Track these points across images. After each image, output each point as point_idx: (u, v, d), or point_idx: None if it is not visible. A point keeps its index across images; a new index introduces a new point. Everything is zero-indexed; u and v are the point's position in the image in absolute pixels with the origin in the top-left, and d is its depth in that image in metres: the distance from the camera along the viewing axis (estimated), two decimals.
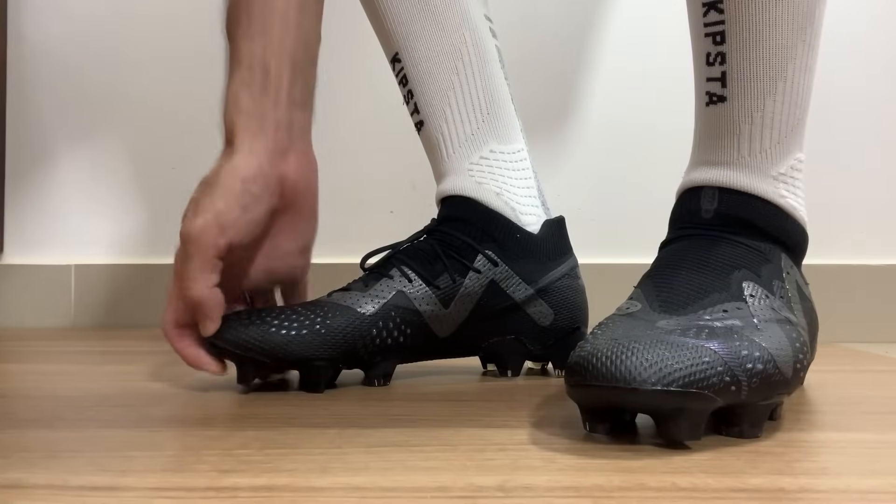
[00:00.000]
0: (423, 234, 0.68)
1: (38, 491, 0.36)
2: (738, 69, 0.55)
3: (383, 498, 0.36)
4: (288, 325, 0.58)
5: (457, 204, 0.68)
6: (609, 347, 0.43)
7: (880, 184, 1.11)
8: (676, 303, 0.49)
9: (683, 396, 0.42)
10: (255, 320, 0.59)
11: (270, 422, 0.50)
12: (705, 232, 0.55)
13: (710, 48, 0.56)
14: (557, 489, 0.37)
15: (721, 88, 0.56)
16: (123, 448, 0.44)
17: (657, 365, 0.41)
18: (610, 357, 0.42)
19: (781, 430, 0.49)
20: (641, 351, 0.42)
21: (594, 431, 0.45)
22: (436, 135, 0.70)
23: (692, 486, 0.37)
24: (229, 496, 0.36)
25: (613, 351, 0.42)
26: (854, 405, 0.58)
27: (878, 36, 1.10)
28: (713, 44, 0.55)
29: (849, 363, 0.81)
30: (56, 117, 1.07)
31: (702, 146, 0.58)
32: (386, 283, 0.63)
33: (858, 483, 0.39)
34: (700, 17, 0.56)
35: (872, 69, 1.10)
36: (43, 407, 0.55)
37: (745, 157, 0.56)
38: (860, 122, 1.10)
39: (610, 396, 0.42)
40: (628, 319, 0.48)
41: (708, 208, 0.56)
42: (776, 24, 0.54)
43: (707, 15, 0.55)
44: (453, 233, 0.66)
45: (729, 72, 0.55)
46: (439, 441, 0.46)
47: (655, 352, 0.42)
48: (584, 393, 0.44)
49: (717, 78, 0.56)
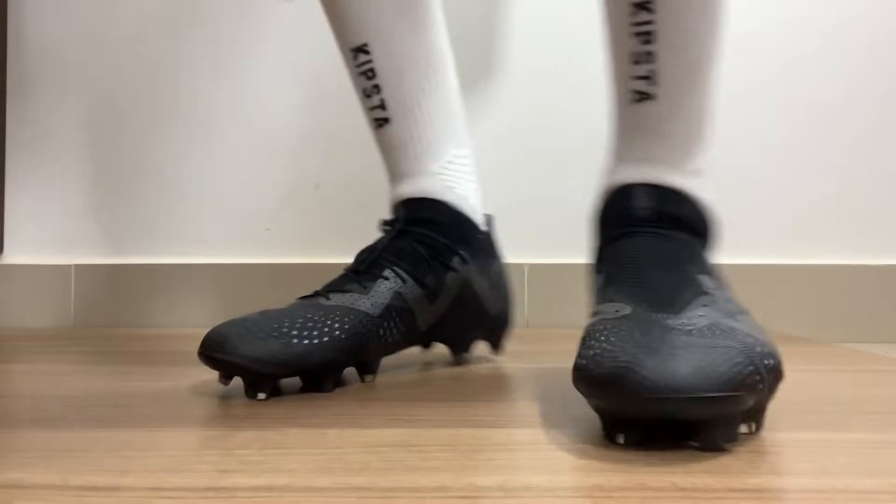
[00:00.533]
0: (394, 233, 0.68)
1: (38, 491, 0.36)
2: (667, 68, 0.56)
3: (383, 498, 0.36)
4: (308, 334, 0.58)
5: (427, 206, 0.69)
6: (647, 356, 0.41)
7: (880, 184, 1.11)
8: (662, 301, 0.49)
9: (732, 400, 0.41)
10: (273, 333, 0.57)
11: (270, 422, 0.50)
12: (648, 229, 0.56)
13: (637, 47, 0.56)
14: (557, 489, 0.37)
15: (649, 86, 0.56)
16: (123, 448, 0.44)
17: (703, 371, 0.40)
18: (655, 368, 0.40)
19: (781, 430, 0.49)
20: (686, 358, 0.41)
21: (615, 441, 0.44)
22: (403, 135, 0.69)
23: (692, 486, 0.37)
24: (229, 496, 0.36)
25: (655, 360, 0.41)
26: (854, 405, 0.58)
27: (878, 36, 1.10)
28: (641, 43, 0.56)
29: (849, 363, 0.81)
30: (56, 117, 1.07)
31: (627, 143, 0.59)
32: (383, 284, 0.65)
33: (858, 483, 0.39)
34: (627, 17, 0.56)
35: (873, 69, 1.10)
36: (43, 407, 0.55)
37: (674, 155, 0.57)
38: (859, 122, 1.10)
39: (663, 408, 0.40)
40: (628, 322, 0.47)
41: (645, 206, 0.57)
42: (702, 25, 0.56)
43: (636, 15, 0.55)
44: (431, 234, 0.68)
45: (659, 70, 0.56)
46: (439, 441, 0.46)
47: (695, 357, 0.41)
48: (623, 405, 0.41)
49: (644, 76, 0.56)
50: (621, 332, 0.46)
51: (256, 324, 0.58)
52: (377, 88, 0.68)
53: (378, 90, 0.68)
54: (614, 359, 0.42)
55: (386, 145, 0.71)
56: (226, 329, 0.57)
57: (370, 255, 0.67)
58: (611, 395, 0.42)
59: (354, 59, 0.69)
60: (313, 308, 0.61)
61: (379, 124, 0.70)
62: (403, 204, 0.70)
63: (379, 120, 0.70)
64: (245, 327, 0.57)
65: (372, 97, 0.69)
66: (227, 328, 0.57)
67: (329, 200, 1.08)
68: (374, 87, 0.68)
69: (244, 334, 0.57)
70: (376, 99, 0.69)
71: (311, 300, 0.62)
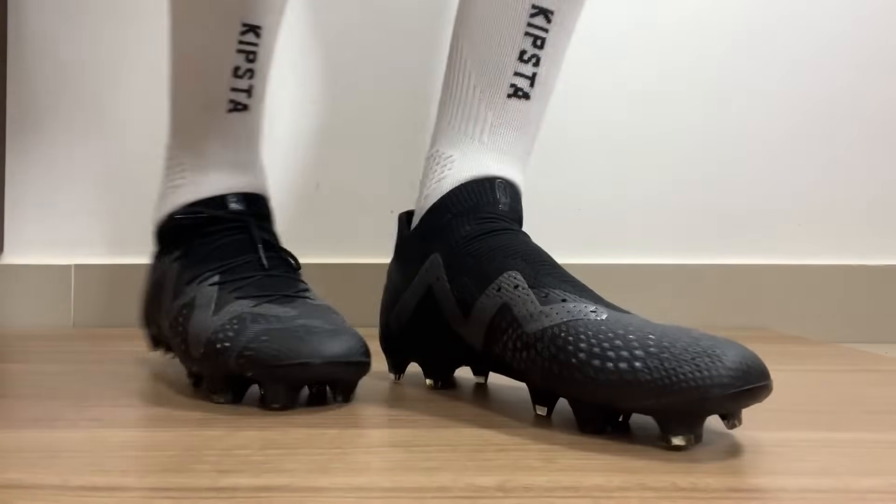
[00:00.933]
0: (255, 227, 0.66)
1: (38, 491, 0.36)
2: (544, 76, 0.60)
3: (383, 498, 0.36)
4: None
5: (265, 203, 0.69)
6: (735, 348, 0.43)
7: (880, 184, 1.11)
8: (603, 301, 0.51)
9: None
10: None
11: (270, 422, 0.50)
12: (511, 225, 0.59)
13: (527, 47, 0.59)
14: (557, 489, 0.37)
15: (529, 87, 0.59)
16: (123, 448, 0.44)
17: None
18: (752, 356, 0.43)
19: (781, 430, 0.49)
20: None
21: (699, 438, 0.44)
22: (252, 126, 0.68)
23: (692, 486, 0.37)
24: (229, 496, 0.36)
25: (745, 351, 0.43)
26: (854, 405, 0.58)
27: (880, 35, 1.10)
28: (532, 45, 0.59)
29: (849, 363, 0.81)
30: (56, 117, 1.07)
31: (490, 131, 0.60)
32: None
33: (858, 483, 0.39)
34: (525, 16, 0.58)
35: (872, 70, 1.10)
36: (43, 407, 0.55)
37: (525, 154, 0.62)
38: (860, 123, 1.10)
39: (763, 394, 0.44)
40: (632, 318, 0.48)
41: (504, 200, 0.59)
42: (567, 49, 0.61)
43: (535, 17, 0.58)
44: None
45: (539, 75, 0.59)
46: (439, 441, 0.46)
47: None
48: (751, 394, 0.43)
49: (527, 76, 0.59)
50: (654, 327, 0.47)
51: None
52: (251, 73, 0.65)
53: (251, 75, 0.65)
54: (730, 353, 0.44)
55: (229, 132, 0.66)
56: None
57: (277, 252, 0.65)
58: (739, 386, 0.43)
59: (242, 35, 0.64)
60: (324, 308, 0.59)
61: (237, 108, 0.66)
62: (250, 197, 0.67)
63: (238, 104, 0.66)
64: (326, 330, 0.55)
65: (243, 78, 0.65)
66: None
67: (329, 200, 1.08)
68: (249, 72, 0.65)
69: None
70: (245, 83, 0.65)
71: (310, 301, 0.60)
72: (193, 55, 0.66)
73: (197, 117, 0.67)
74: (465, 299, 0.55)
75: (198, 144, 0.67)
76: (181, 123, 0.68)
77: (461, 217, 0.58)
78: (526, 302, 0.51)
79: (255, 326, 0.54)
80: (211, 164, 0.66)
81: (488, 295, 0.53)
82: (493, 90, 0.59)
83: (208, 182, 0.66)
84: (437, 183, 0.61)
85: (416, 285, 0.60)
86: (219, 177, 0.66)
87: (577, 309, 0.48)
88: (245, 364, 0.53)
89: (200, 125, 0.66)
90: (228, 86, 0.65)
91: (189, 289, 0.61)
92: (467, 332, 0.55)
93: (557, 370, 0.47)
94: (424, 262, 0.59)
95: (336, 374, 0.54)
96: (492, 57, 0.59)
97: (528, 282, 0.52)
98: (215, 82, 0.65)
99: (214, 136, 0.66)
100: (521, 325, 0.50)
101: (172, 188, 0.68)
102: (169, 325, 0.61)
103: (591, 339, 0.46)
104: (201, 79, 0.66)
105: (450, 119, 0.62)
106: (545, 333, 0.48)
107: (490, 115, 0.60)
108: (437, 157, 0.62)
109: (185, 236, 0.65)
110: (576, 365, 0.46)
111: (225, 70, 0.64)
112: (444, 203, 0.59)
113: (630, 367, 0.43)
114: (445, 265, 0.57)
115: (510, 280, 0.52)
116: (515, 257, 0.54)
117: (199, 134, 0.66)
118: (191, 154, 0.67)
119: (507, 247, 0.55)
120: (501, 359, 0.52)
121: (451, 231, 0.58)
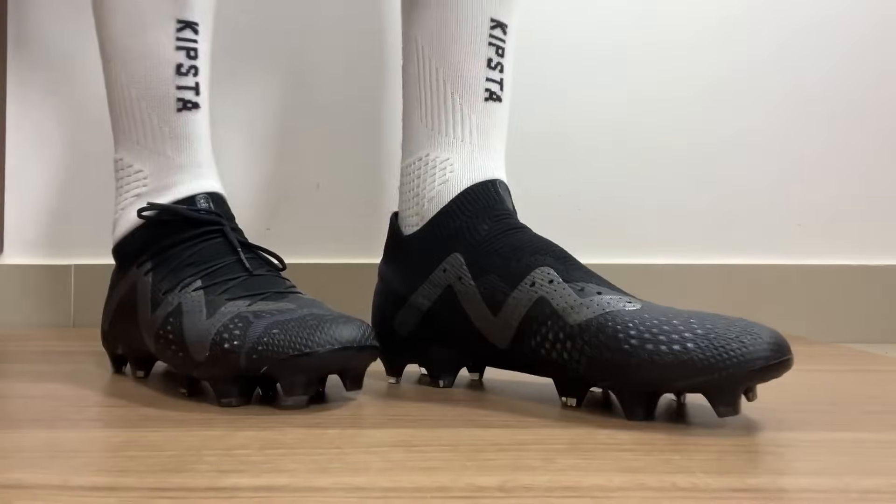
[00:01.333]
0: (230, 231, 0.64)
1: (38, 491, 0.36)
2: (507, 81, 0.65)
3: (383, 498, 0.36)
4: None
5: (224, 202, 0.66)
6: (764, 327, 0.49)
7: (880, 184, 1.11)
8: (627, 293, 0.55)
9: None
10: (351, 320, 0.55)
11: (270, 422, 0.50)
12: (521, 223, 0.62)
13: (492, 55, 0.64)
14: (557, 489, 0.37)
15: (500, 90, 0.64)
16: (123, 448, 0.44)
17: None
18: (778, 333, 0.49)
19: (781, 430, 0.49)
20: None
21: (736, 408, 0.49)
22: (205, 125, 0.66)
23: (692, 486, 0.37)
24: (229, 496, 0.36)
25: (772, 329, 0.49)
26: (854, 405, 0.58)
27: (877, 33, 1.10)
28: (496, 54, 0.64)
29: (849, 363, 0.81)
30: (56, 117, 1.07)
31: (479, 133, 0.64)
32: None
33: (858, 483, 0.39)
34: (486, 28, 0.64)
35: (873, 70, 1.10)
36: (43, 407, 0.55)
37: (503, 154, 0.66)
38: (860, 123, 1.10)
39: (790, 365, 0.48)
40: (661, 306, 0.53)
41: (507, 199, 0.63)
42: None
43: (494, 30, 0.64)
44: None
45: (504, 80, 0.65)
46: (439, 441, 0.46)
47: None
48: (784, 365, 0.48)
49: (497, 81, 0.64)
50: (691, 313, 0.51)
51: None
52: (195, 70, 0.64)
53: (196, 72, 0.64)
54: (763, 334, 0.49)
55: (183, 132, 0.64)
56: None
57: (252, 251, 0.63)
58: (778, 359, 0.48)
59: (179, 32, 0.63)
60: (318, 302, 0.59)
61: (186, 107, 0.64)
62: (216, 198, 0.65)
63: (188, 103, 0.64)
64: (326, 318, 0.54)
65: (188, 76, 0.64)
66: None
67: (329, 200, 1.08)
68: (193, 68, 0.64)
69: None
70: (191, 80, 0.64)
71: (302, 296, 0.60)
72: (131, 54, 0.64)
73: (146, 121, 0.64)
74: (495, 296, 0.57)
75: (154, 148, 0.65)
76: (130, 130, 0.65)
77: (476, 218, 0.61)
78: (563, 295, 0.54)
79: (262, 321, 0.53)
80: (173, 166, 0.64)
81: (521, 290, 0.55)
82: (472, 95, 0.64)
83: (173, 185, 0.64)
84: (442, 186, 0.62)
85: (428, 287, 0.61)
86: (182, 179, 0.64)
87: (615, 300, 0.52)
88: (258, 360, 0.52)
89: (152, 128, 0.64)
90: (174, 84, 0.63)
91: (171, 297, 0.59)
92: (493, 329, 0.57)
93: (610, 356, 0.50)
94: (440, 263, 0.60)
95: (352, 360, 0.54)
96: (464, 65, 0.63)
97: (561, 276, 0.55)
98: (159, 82, 0.63)
99: (169, 138, 0.64)
100: (563, 317, 0.53)
101: (134, 197, 0.65)
102: (154, 338, 0.59)
103: (640, 327, 0.49)
104: (144, 80, 0.64)
105: (432, 124, 0.64)
106: (591, 324, 0.51)
107: (473, 117, 0.64)
108: (432, 162, 0.63)
109: (153, 245, 0.63)
110: (629, 350, 0.49)
111: (168, 68, 0.63)
112: (456, 205, 0.61)
113: (683, 349, 0.48)
114: (468, 264, 0.59)
115: (544, 275, 0.55)
116: (544, 254, 0.57)
117: (153, 137, 0.64)
118: (147, 159, 0.65)
119: (531, 244, 0.58)
120: (535, 353, 0.54)
121: (468, 231, 0.60)
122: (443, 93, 0.64)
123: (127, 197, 0.66)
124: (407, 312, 0.62)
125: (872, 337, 1.06)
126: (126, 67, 0.64)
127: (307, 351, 0.51)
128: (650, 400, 0.51)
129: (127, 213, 0.65)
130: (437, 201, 0.62)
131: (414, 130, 0.65)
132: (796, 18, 1.09)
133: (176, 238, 0.62)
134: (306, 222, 1.07)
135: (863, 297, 1.08)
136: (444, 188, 0.62)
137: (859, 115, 1.10)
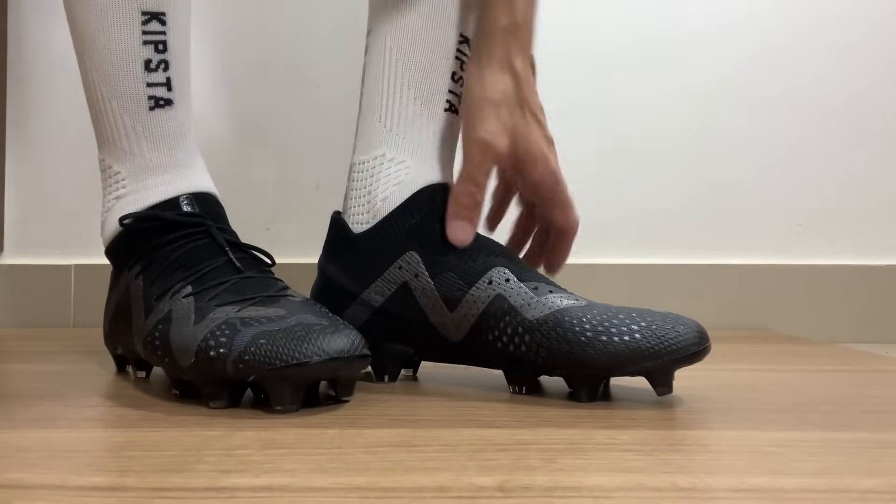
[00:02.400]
0: (216, 232, 0.62)
1: (38, 491, 0.36)
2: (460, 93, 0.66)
3: (383, 498, 0.36)
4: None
5: (214, 201, 0.64)
6: (687, 318, 0.56)
7: (880, 184, 1.11)
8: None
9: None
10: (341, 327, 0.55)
11: (270, 422, 0.50)
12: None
13: (457, 69, 0.66)
14: (557, 489, 0.37)
15: (458, 103, 0.65)
16: (123, 448, 0.44)
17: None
18: (699, 324, 0.56)
19: (781, 430, 0.49)
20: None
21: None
22: (183, 121, 0.63)
23: (692, 486, 0.37)
24: (229, 496, 0.36)
25: (693, 320, 0.56)
26: (854, 405, 0.58)
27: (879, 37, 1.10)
28: (459, 68, 0.66)
29: (849, 363, 0.81)
30: (56, 117, 1.07)
31: (436, 141, 0.65)
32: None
33: (858, 483, 0.39)
34: (455, 42, 0.66)
35: (872, 71, 1.10)
36: (43, 407, 0.55)
37: (454, 163, 0.67)
38: (859, 122, 1.10)
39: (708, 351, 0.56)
40: (601, 304, 0.57)
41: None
42: None
43: (462, 45, 0.66)
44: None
45: (462, 93, 0.64)
46: (439, 441, 0.46)
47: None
48: (707, 350, 0.55)
49: (457, 94, 0.66)
50: (634, 309, 0.57)
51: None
52: (165, 65, 0.61)
53: (166, 67, 0.61)
54: (689, 326, 0.56)
55: (158, 131, 0.62)
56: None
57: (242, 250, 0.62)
58: (703, 347, 0.56)
59: (144, 25, 0.60)
60: (310, 305, 0.58)
61: (159, 105, 0.61)
62: (200, 198, 0.63)
63: (160, 100, 0.61)
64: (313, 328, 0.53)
65: (157, 72, 0.60)
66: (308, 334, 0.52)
67: (329, 200, 1.07)
68: (163, 63, 0.61)
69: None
70: (161, 76, 0.61)
71: (293, 299, 0.59)
72: (98, 51, 0.61)
73: (117, 120, 0.62)
74: (453, 293, 0.59)
75: (128, 149, 0.62)
76: (105, 131, 0.63)
77: (431, 217, 0.62)
78: (520, 293, 0.58)
79: (249, 331, 0.52)
80: (150, 167, 0.62)
81: (479, 288, 0.59)
82: (434, 104, 0.65)
83: (153, 187, 0.62)
84: (397, 186, 0.64)
85: (381, 284, 0.62)
86: (162, 179, 0.62)
87: (565, 298, 0.57)
88: (244, 370, 0.51)
89: (125, 128, 0.62)
90: (143, 81, 0.61)
91: (162, 304, 0.58)
92: (448, 324, 0.60)
93: (568, 348, 0.55)
94: (395, 261, 0.62)
95: (341, 371, 0.53)
96: (431, 74, 0.65)
97: (516, 276, 0.59)
98: (127, 79, 0.60)
99: (144, 138, 0.62)
100: (521, 312, 0.57)
101: (115, 199, 0.63)
102: (143, 344, 0.58)
103: (593, 321, 0.55)
104: (111, 76, 0.61)
105: (391, 125, 0.65)
106: (548, 319, 0.56)
107: (433, 125, 0.65)
108: (388, 162, 0.64)
109: (141, 249, 0.61)
110: (584, 342, 0.54)
111: (135, 65, 0.60)
112: (412, 204, 0.63)
113: (632, 339, 0.54)
114: (425, 262, 0.61)
115: (500, 274, 0.59)
116: (497, 255, 0.61)
117: (127, 138, 0.62)
118: (124, 161, 0.62)
119: (485, 245, 0.62)
120: (491, 346, 0.58)
121: (425, 230, 0.62)
122: (406, 96, 0.65)
123: (109, 199, 0.64)
124: (357, 308, 0.63)
125: (872, 337, 1.06)
126: (95, 65, 0.62)
127: (293, 362, 0.51)
128: (594, 384, 0.56)
129: (111, 217, 0.64)
130: (391, 200, 0.63)
131: (370, 128, 0.66)
132: (796, 19, 1.09)
133: (162, 240, 0.60)
134: (306, 222, 1.07)
135: (863, 297, 1.08)
136: (399, 188, 0.64)
137: (859, 116, 1.10)
